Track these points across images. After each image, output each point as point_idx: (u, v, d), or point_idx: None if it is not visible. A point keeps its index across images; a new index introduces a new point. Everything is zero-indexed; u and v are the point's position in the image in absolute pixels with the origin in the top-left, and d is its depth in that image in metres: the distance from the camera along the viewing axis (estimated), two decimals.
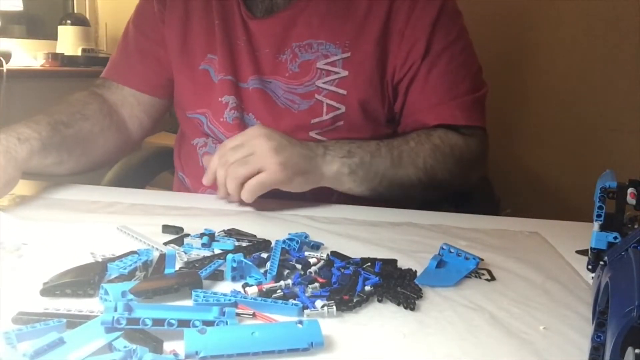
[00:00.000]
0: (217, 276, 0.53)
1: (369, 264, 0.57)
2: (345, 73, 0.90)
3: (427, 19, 0.89)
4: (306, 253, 0.60)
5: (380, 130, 0.94)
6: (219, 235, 0.64)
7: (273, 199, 0.92)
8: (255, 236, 0.64)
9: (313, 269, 0.54)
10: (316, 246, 0.64)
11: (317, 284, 0.51)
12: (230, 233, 0.65)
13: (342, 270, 0.55)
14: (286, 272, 0.55)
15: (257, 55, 0.93)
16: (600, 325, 0.38)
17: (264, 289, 0.49)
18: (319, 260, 0.57)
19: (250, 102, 0.93)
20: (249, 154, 0.75)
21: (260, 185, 0.75)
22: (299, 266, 0.56)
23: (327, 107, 0.90)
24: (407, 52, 0.90)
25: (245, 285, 0.50)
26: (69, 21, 2.27)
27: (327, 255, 0.59)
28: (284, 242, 0.60)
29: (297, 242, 0.61)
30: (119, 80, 1.02)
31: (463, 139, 0.91)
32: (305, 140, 0.85)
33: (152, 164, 1.15)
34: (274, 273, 0.53)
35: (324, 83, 0.90)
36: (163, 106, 1.06)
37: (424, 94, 0.91)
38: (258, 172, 0.75)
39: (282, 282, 0.50)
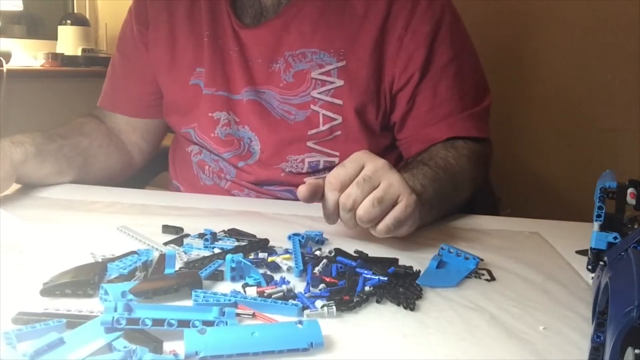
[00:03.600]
0: (217, 276, 0.53)
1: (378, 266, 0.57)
2: (340, 82, 0.87)
3: (428, 27, 0.87)
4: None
5: (378, 140, 0.92)
6: (219, 235, 0.64)
7: (272, 199, 0.92)
8: (255, 236, 0.64)
9: (317, 268, 0.54)
10: (321, 241, 0.65)
11: (323, 285, 0.51)
12: (230, 233, 0.65)
13: (345, 267, 0.55)
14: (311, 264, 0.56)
15: (250, 65, 0.91)
16: (600, 325, 0.38)
17: (266, 293, 0.49)
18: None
19: (244, 115, 0.91)
20: (380, 189, 0.62)
21: (398, 224, 0.63)
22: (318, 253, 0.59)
23: (323, 118, 0.88)
24: (406, 60, 0.87)
25: (245, 286, 0.50)
26: (69, 21, 2.27)
27: (330, 252, 0.60)
28: (289, 237, 0.63)
29: (303, 237, 0.64)
30: (111, 108, 1.03)
31: (479, 145, 0.90)
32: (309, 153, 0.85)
33: (152, 164, 1.14)
34: (301, 268, 0.54)
35: (319, 93, 0.88)
36: (159, 128, 1.06)
37: (434, 108, 0.88)
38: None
39: (284, 287, 0.50)
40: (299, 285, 0.52)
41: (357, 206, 0.61)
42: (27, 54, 2.16)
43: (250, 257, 0.58)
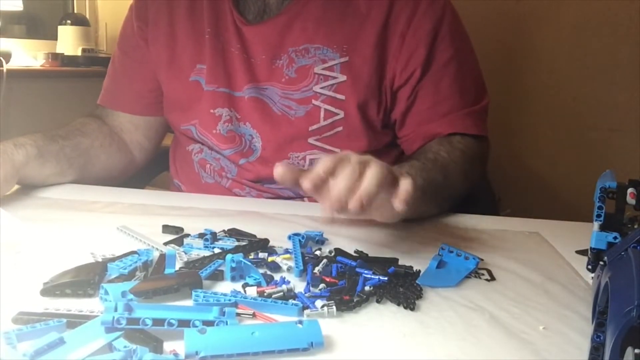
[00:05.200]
0: (217, 276, 0.53)
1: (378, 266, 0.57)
2: (343, 78, 0.88)
3: (429, 25, 0.88)
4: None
5: (378, 137, 0.92)
6: (219, 235, 0.64)
7: (273, 199, 0.92)
8: (255, 236, 0.64)
9: (317, 268, 0.55)
10: (321, 241, 0.66)
11: (323, 284, 0.51)
12: (230, 233, 0.65)
13: (345, 267, 0.56)
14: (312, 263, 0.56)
15: (252, 62, 0.91)
16: (600, 325, 0.38)
17: (266, 293, 0.49)
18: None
19: (246, 112, 0.92)
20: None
21: (377, 181, 0.57)
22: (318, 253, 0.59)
23: (325, 113, 0.89)
24: (408, 57, 0.88)
25: (245, 286, 0.50)
26: (69, 21, 2.27)
27: (330, 252, 0.60)
28: (289, 237, 0.63)
29: (303, 237, 0.64)
30: (112, 106, 1.03)
31: (476, 143, 0.90)
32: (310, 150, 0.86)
33: (152, 164, 1.14)
34: (301, 267, 0.54)
35: (321, 88, 0.89)
36: (161, 125, 1.06)
37: (436, 105, 0.89)
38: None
39: (284, 286, 0.50)
40: (299, 285, 0.52)
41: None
42: (27, 54, 2.16)
43: (250, 257, 0.58)
